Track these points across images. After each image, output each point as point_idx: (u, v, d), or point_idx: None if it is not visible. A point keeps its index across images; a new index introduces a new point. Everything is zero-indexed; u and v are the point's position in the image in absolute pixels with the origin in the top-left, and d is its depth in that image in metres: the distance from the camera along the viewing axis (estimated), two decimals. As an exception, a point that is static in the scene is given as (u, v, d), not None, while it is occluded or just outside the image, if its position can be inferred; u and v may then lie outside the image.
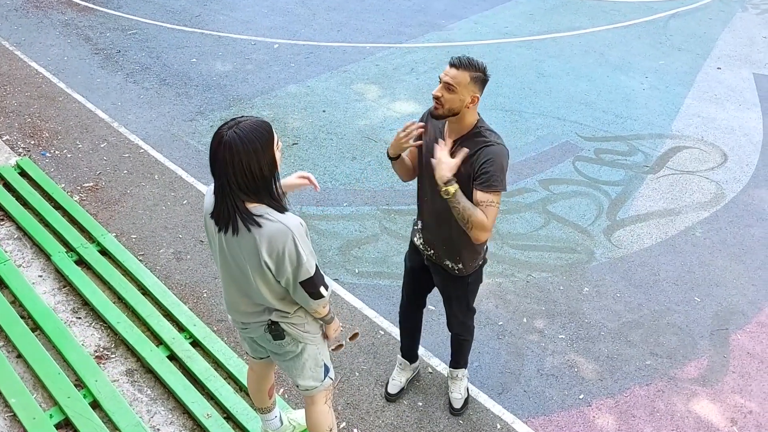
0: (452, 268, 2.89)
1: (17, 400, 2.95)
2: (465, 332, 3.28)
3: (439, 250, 2.87)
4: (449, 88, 2.46)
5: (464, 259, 2.85)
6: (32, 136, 5.77)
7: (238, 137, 1.95)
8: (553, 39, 8.16)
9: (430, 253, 2.93)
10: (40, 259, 4.16)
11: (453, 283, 3.00)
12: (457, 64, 2.46)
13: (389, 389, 3.53)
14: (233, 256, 2.17)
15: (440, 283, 3.07)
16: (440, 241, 2.84)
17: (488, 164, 2.50)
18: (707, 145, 5.96)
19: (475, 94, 2.50)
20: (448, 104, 2.49)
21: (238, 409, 3.13)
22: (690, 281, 4.41)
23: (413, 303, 3.35)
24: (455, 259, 2.86)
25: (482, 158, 2.51)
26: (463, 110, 2.52)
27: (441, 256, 2.88)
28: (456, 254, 2.84)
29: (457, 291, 3.05)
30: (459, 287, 3.02)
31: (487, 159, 2.50)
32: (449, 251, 2.85)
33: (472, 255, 2.87)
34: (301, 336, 2.39)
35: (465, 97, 2.48)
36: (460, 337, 3.31)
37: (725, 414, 3.52)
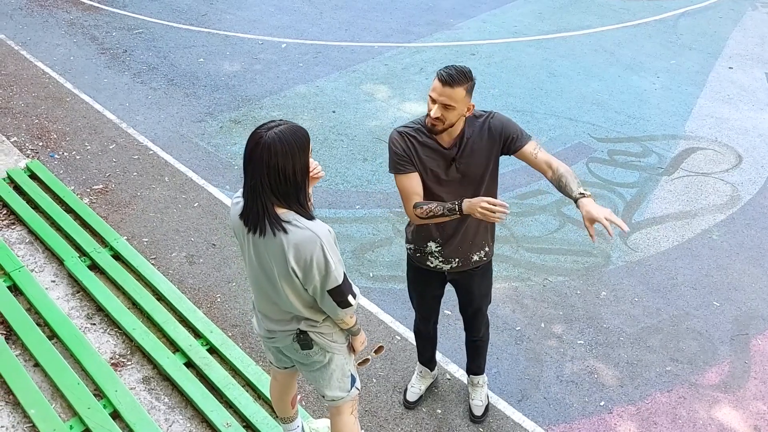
0: (480, 259, 2.89)
1: (36, 411, 2.91)
2: (485, 330, 3.27)
3: (466, 251, 2.83)
4: (446, 107, 2.41)
5: (488, 240, 2.88)
6: (40, 138, 5.72)
7: (278, 139, 1.92)
8: (562, 38, 8.10)
9: (454, 264, 2.86)
10: (53, 264, 4.11)
11: (482, 278, 3.00)
12: (449, 81, 2.38)
13: (408, 397, 3.49)
14: (260, 262, 2.13)
15: (469, 287, 3.02)
16: (467, 240, 2.80)
17: (510, 127, 2.59)
18: (721, 146, 5.91)
19: (470, 103, 2.49)
20: (449, 120, 2.46)
21: (257, 418, 3.08)
22: (708, 285, 4.37)
23: (429, 321, 3.28)
24: (483, 245, 2.86)
25: (500, 128, 2.58)
26: (459, 119, 2.52)
27: (469, 256, 2.85)
28: (483, 242, 2.85)
29: (487, 284, 3.06)
30: (487, 279, 3.04)
31: (505, 125, 2.58)
32: (477, 245, 2.83)
33: (492, 234, 2.91)
34: (329, 346, 2.35)
35: (462, 109, 2.47)
36: (481, 339, 3.27)
37: (748, 421, 3.48)
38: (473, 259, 2.87)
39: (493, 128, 2.58)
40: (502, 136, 2.58)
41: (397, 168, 2.60)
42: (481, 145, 2.58)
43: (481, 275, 2.99)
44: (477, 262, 2.89)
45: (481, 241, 2.84)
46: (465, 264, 2.87)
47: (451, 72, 2.40)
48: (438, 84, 2.41)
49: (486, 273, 3.02)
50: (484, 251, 2.88)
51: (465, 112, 2.49)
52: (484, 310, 3.17)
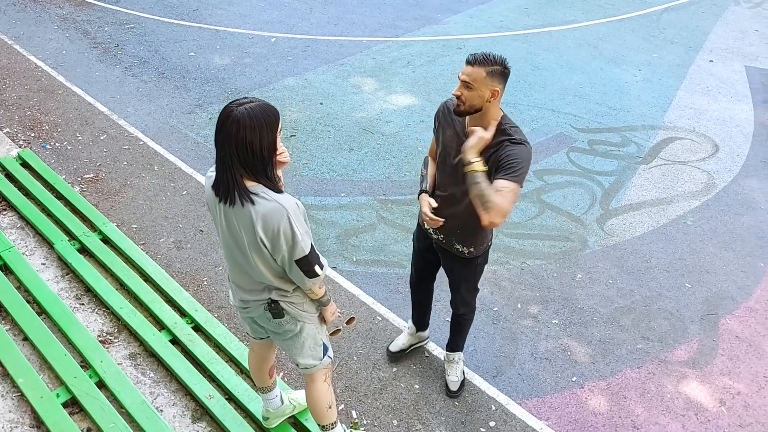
0: (462, 251, 2.97)
1: (24, 380, 3.03)
2: (469, 312, 3.38)
3: (450, 237, 2.95)
4: (467, 85, 2.50)
5: (475, 243, 2.93)
6: (32, 129, 5.83)
7: (248, 114, 2.04)
8: (547, 32, 8.24)
9: (439, 238, 3.01)
10: (43, 248, 4.23)
11: (463, 266, 3.08)
12: (471, 60, 2.49)
13: (390, 347, 3.73)
14: (232, 232, 2.24)
15: (449, 266, 3.16)
16: (453, 228, 2.90)
17: (515, 158, 2.49)
18: (699, 136, 6.05)
19: (494, 87, 2.50)
20: (469, 101, 2.53)
21: (239, 390, 3.21)
22: (681, 268, 4.50)
23: (422, 279, 3.46)
24: (467, 243, 2.93)
25: (508, 152, 2.51)
26: (485, 105, 2.54)
27: (451, 241, 2.96)
28: (468, 239, 2.92)
29: (467, 273, 3.14)
30: (469, 269, 3.11)
31: (513, 154, 2.50)
32: (462, 238, 2.92)
33: (483, 239, 2.95)
34: (299, 315, 2.46)
35: (484, 93, 2.49)
36: (464, 317, 3.40)
37: (714, 395, 3.61)
38: (455, 246, 2.97)
39: (505, 151, 2.52)
40: (502, 160, 2.52)
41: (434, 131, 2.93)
42: (488, 159, 2.56)
43: (462, 265, 3.07)
44: (459, 251, 2.98)
45: (467, 240, 2.91)
46: (447, 244, 3.00)
47: (476, 54, 2.50)
48: (465, 65, 2.51)
49: (468, 267, 3.07)
50: (469, 249, 2.95)
51: (488, 96, 2.50)
52: (463, 294, 3.25)
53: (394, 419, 3.40)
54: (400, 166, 5.48)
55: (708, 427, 3.44)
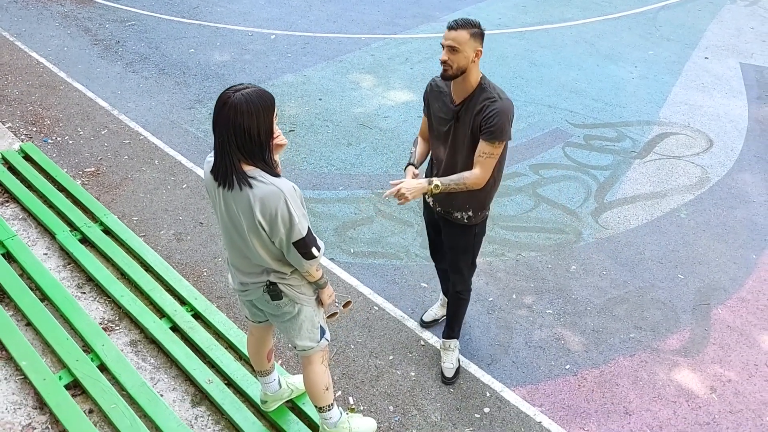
0: (461, 217, 3.13)
1: (27, 363, 3.10)
2: (465, 291, 3.49)
3: (448, 205, 3.12)
4: (453, 49, 2.67)
5: (473, 208, 3.10)
6: (34, 124, 5.90)
7: (244, 100, 2.10)
8: (545, 30, 8.30)
9: (438, 210, 3.19)
10: (45, 238, 4.29)
11: (462, 233, 3.22)
12: (454, 25, 2.68)
13: (423, 317, 3.97)
14: (230, 216, 2.30)
15: (449, 236, 3.30)
16: (450, 196, 3.04)
17: (493, 118, 2.73)
18: (693, 132, 6.12)
19: (477, 48, 2.71)
20: (456, 64, 2.70)
21: (238, 375, 3.27)
22: (674, 260, 4.57)
23: (436, 251, 3.64)
24: (465, 209, 3.10)
25: (488, 113, 2.74)
26: (469, 66, 2.72)
27: (450, 209, 3.13)
28: (466, 206, 3.09)
29: (466, 242, 3.27)
30: (467, 238, 3.24)
31: (492, 113, 2.73)
32: (459, 204, 3.09)
33: (480, 205, 3.12)
34: (297, 297, 2.52)
35: (469, 53, 2.69)
36: (460, 296, 3.50)
37: (705, 382, 3.68)
38: (454, 214, 3.14)
39: (487, 109, 2.75)
40: (482, 119, 2.76)
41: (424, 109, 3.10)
42: (473, 112, 2.81)
43: (459, 232, 3.22)
44: (458, 219, 3.15)
45: (465, 205, 3.09)
46: (446, 214, 3.17)
47: (456, 19, 2.71)
48: (446, 30, 2.71)
49: (465, 233, 3.22)
50: (467, 215, 3.12)
51: (473, 56, 2.70)
52: (460, 267, 3.37)
53: (390, 405, 3.46)
54: (397, 160, 5.55)
55: (699, 413, 3.50)
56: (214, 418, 3.19)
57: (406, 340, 3.88)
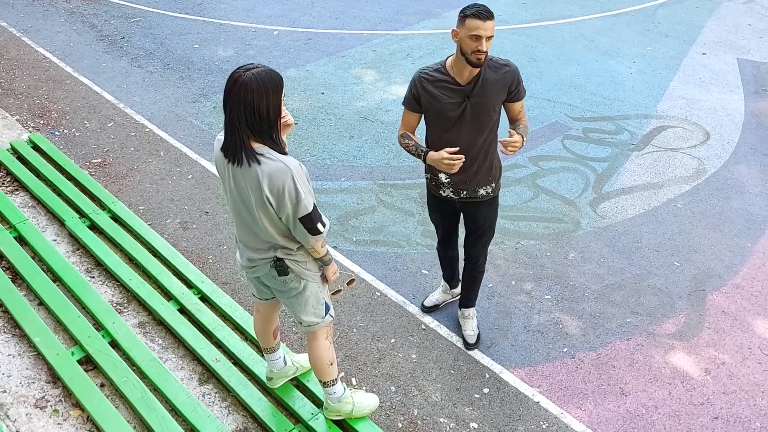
0: (487, 194, 3.25)
1: (41, 339, 3.19)
2: (484, 262, 3.65)
3: (473, 185, 3.21)
4: (490, 38, 2.76)
5: (495, 179, 3.24)
6: (41, 117, 5.99)
7: (254, 78, 2.20)
8: (544, 26, 8.40)
9: (463, 195, 3.26)
10: (54, 225, 4.39)
11: (489, 208, 3.35)
12: (488, 15, 2.75)
13: (425, 302, 4.04)
14: (239, 192, 2.40)
15: (475, 217, 3.39)
16: (474, 176, 3.16)
17: (518, 81, 3.01)
18: (691, 125, 6.20)
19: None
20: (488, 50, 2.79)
21: (244, 354, 3.36)
22: (670, 248, 4.65)
23: (448, 241, 3.72)
24: (489, 182, 3.22)
25: (512, 78, 2.97)
26: None
27: (475, 189, 3.22)
28: (489, 178, 3.21)
29: (492, 214, 3.40)
30: (493, 209, 3.39)
31: (516, 77, 2.99)
32: (483, 179, 3.20)
33: (499, 171, 3.27)
34: (303, 273, 2.61)
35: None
36: (478, 270, 3.66)
37: (700, 365, 3.76)
38: (480, 193, 3.25)
39: (509, 74, 2.96)
40: (510, 85, 2.98)
41: (406, 104, 3.15)
42: (496, 86, 2.96)
43: (488, 205, 3.34)
44: (484, 195, 3.26)
45: (488, 178, 3.21)
46: (473, 196, 3.26)
47: (485, 8, 2.76)
48: (480, 22, 2.72)
49: (492, 204, 3.36)
50: (491, 187, 3.25)
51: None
52: (485, 241, 3.52)
53: (392, 386, 3.55)
54: (399, 152, 5.64)
55: (693, 394, 3.58)
56: (221, 395, 3.29)
57: (408, 324, 3.97)
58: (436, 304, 4.05)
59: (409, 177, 5.31)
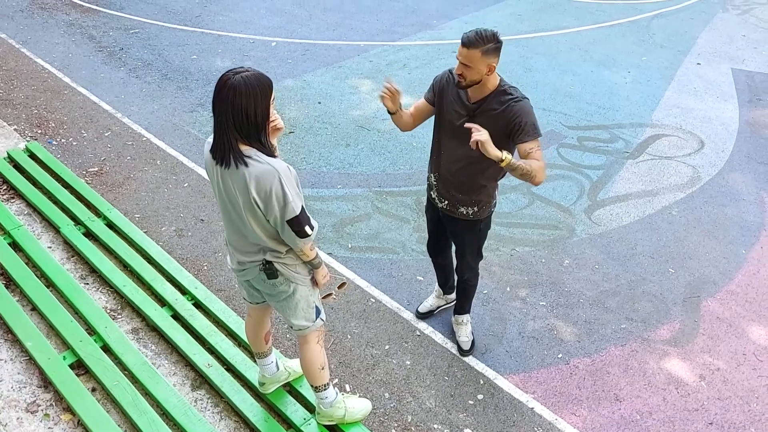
0: (467, 214, 3.20)
1: (33, 344, 3.19)
2: (472, 277, 3.61)
3: (454, 200, 3.17)
4: (465, 65, 2.72)
5: (479, 203, 3.15)
6: (39, 126, 6.02)
7: (243, 81, 2.21)
8: (540, 38, 8.46)
9: (444, 205, 3.25)
10: (50, 232, 4.39)
11: (467, 229, 3.31)
12: (466, 43, 2.68)
13: (419, 308, 4.03)
14: (228, 194, 2.40)
15: (454, 232, 3.40)
16: (456, 191, 3.13)
17: (523, 118, 2.76)
18: (685, 133, 6.23)
19: (490, 63, 2.71)
20: (469, 78, 2.76)
21: (237, 360, 3.35)
22: (665, 254, 4.66)
23: (438, 244, 3.70)
24: (470, 203, 3.15)
25: (515, 114, 2.76)
26: (484, 78, 2.77)
27: (456, 205, 3.18)
28: (472, 200, 3.13)
29: (472, 237, 3.36)
30: (473, 232, 3.33)
31: (520, 114, 2.76)
32: (465, 200, 3.13)
33: (488, 199, 3.18)
34: (292, 276, 2.61)
35: (482, 69, 2.72)
36: (468, 283, 3.63)
37: (694, 371, 3.75)
38: (459, 210, 3.20)
39: (510, 111, 2.77)
40: (512, 122, 2.77)
41: (427, 92, 3.11)
42: (494, 118, 2.80)
43: (468, 226, 3.28)
44: (464, 214, 3.21)
45: (470, 200, 3.13)
46: (452, 210, 3.23)
47: (470, 35, 2.69)
48: (460, 47, 2.72)
49: (472, 229, 3.30)
50: (473, 209, 3.17)
51: (485, 71, 2.72)
52: (468, 259, 3.48)
53: (385, 392, 3.54)
54: (394, 160, 5.66)
55: (688, 400, 3.57)
56: (213, 401, 3.27)
57: (402, 330, 3.96)
58: (431, 310, 4.04)
59: (404, 184, 5.33)
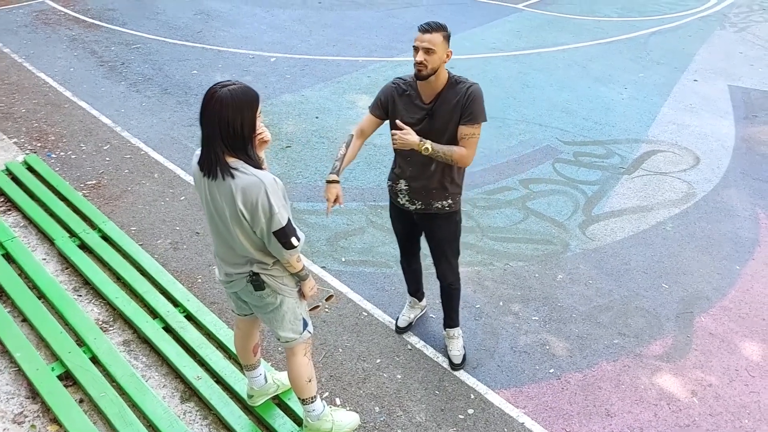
0: (443, 207, 3.27)
1: (21, 354, 3.20)
2: (455, 281, 3.63)
3: (428, 197, 3.24)
4: (428, 51, 2.83)
5: (452, 195, 3.25)
6: (39, 139, 6.08)
7: (229, 95, 2.25)
8: (538, 54, 8.52)
9: (418, 206, 3.30)
10: (45, 244, 4.42)
11: (445, 224, 3.37)
12: (428, 28, 2.85)
13: (399, 323, 4.01)
14: (216, 206, 2.43)
15: (432, 230, 3.43)
16: (428, 187, 3.20)
17: (473, 103, 2.94)
18: (681, 149, 6.25)
19: (448, 50, 2.90)
20: (431, 64, 2.86)
21: (226, 372, 3.36)
22: (659, 270, 4.65)
23: (409, 253, 3.76)
24: (444, 197, 3.24)
25: (467, 99, 2.94)
26: (440, 66, 2.90)
27: (431, 202, 3.26)
28: (444, 193, 3.23)
29: (449, 231, 3.41)
30: (450, 225, 3.39)
31: (472, 99, 2.94)
32: (438, 193, 3.22)
33: (457, 189, 3.27)
34: (279, 288, 2.63)
35: (442, 54, 2.87)
36: (452, 287, 3.64)
37: (686, 386, 3.74)
38: (435, 206, 3.27)
39: (464, 96, 2.95)
40: (465, 105, 2.95)
41: (371, 108, 3.23)
42: (451, 104, 2.97)
43: (444, 219, 3.36)
44: (439, 209, 3.29)
45: (444, 194, 3.24)
46: (427, 208, 3.29)
47: (429, 22, 2.88)
48: (419, 34, 2.86)
49: (449, 220, 3.37)
50: (447, 202, 3.27)
51: (445, 57, 2.88)
52: (448, 257, 3.52)
53: (376, 406, 3.53)
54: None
55: (679, 416, 3.55)
56: (202, 413, 3.27)
57: (394, 344, 3.96)
58: (410, 323, 4.05)
59: (399, 199, 5.34)
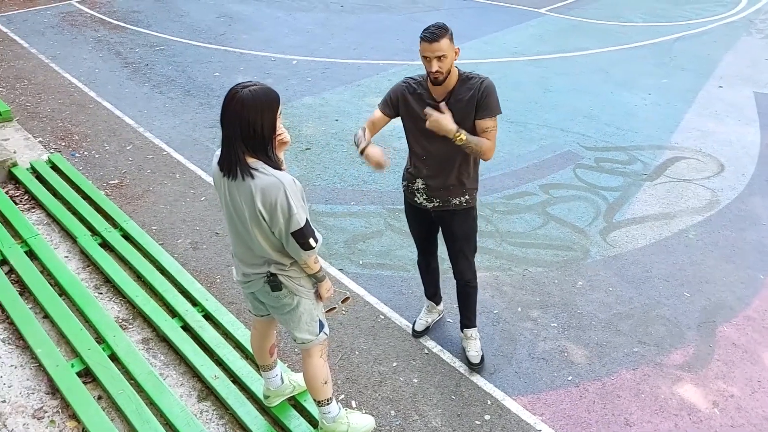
0: (460, 203, 3.29)
1: (42, 350, 3.25)
2: (473, 278, 3.63)
3: (446, 194, 3.26)
4: (440, 58, 2.85)
5: (469, 190, 3.28)
6: (63, 139, 6.18)
7: (251, 95, 2.26)
8: (560, 58, 8.47)
9: (436, 204, 3.31)
10: (67, 242, 4.49)
11: (463, 220, 3.38)
12: (434, 37, 2.84)
13: (416, 327, 4.00)
14: (235, 206, 2.44)
15: (450, 227, 3.43)
16: (446, 185, 3.22)
17: (489, 97, 2.98)
18: (705, 156, 6.16)
19: (455, 48, 2.93)
20: (445, 68, 2.90)
21: (243, 372, 3.37)
22: (681, 278, 4.58)
23: (427, 252, 3.75)
24: (462, 192, 3.26)
25: (481, 93, 2.97)
26: (452, 66, 2.95)
27: (449, 198, 3.28)
28: (462, 189, 3.25)
29: (467, 227, 3.43)
30: (468, 222, 3.41)
31: (487, 93, 2.98)
32: (456, 190, 3.25)
33: (474, 185, 3.30)
34: (296, 289, 2.63)
35: (452, 55, 2.91)
36: (469, 285, 3.64)
37: (708, 397, 3.67)
38: (453, 202, 3.29)
39: (478, 91, 2.98)
40: (480, 100, 2.98)
41: (381, 105, 3.24)
42: (465, 99, 2.99)
43: (462, 216, 3.37)
44: (457, 204, 3.30)
45: (462, 190, 3.26)
46: (445, 205, 3.30)
47: (432, 30, 2.87)
48: (426, 44, 2.87)
49: (467, 215, 3.39)
50: (465, 198, 3.29)
51: (454, 56, 2.92)
52: (466, 253, 3.53)
53: (392, 410, 3.52)
54: (409, 178, 5.67)
55: (700, 426, 3.49)
56: (219, 413, 3.29)
57: (410, 348, 3.94)
58: (427, 327, 4.03)
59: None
